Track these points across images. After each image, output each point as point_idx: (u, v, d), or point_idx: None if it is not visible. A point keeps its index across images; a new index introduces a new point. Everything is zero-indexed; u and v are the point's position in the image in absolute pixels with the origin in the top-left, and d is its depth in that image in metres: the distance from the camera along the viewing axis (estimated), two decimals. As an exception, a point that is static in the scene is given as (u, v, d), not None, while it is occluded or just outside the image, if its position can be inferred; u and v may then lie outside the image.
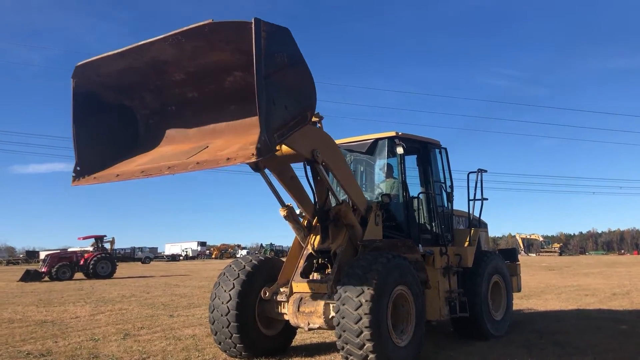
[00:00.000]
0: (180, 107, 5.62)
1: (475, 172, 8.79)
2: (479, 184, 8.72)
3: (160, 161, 5.22)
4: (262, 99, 4.31)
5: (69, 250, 40.04)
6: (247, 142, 4.85)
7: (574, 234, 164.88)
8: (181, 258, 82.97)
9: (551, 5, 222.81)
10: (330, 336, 8.04)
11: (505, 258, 9.56)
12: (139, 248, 71.23)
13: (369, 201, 7.19)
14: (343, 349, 5.74)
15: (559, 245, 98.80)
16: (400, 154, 7.56)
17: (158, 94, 5.55)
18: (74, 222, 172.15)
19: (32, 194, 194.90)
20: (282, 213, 6.71)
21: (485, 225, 9.76)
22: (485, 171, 8.83)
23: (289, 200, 6.81)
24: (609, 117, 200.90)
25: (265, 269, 7.12)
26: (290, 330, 7.28)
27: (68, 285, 23.36)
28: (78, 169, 5.39)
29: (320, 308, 6.29)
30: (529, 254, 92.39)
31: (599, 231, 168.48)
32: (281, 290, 6.80)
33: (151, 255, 71.76)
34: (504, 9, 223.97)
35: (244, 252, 75.34)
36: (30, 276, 26.72)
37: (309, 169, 6.53)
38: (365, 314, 5.57)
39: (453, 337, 8.35)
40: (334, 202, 6.89)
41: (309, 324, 6.38)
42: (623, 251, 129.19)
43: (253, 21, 4.19)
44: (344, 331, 5.67)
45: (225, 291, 6.80)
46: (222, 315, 6.71)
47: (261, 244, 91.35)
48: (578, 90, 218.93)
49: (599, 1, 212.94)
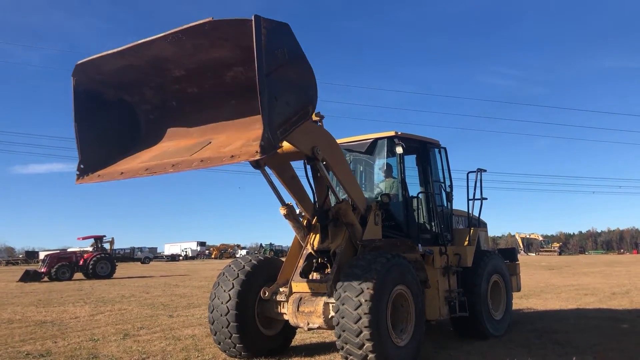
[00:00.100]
0: (181, 103, 5.62)
1: (474, 172, 8.79)
2: (479, 184, 8.74)
3: (163, 158, 5.22)
4: (264, 96, 4.31)
5: (69, 250, 40.10)
6: (250, 138, 4.85)
7: (574, 234, 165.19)
8: (181, 258, 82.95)
9: (550, 5, 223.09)
10: (329, 336, 8.04)
11: (504, 257, 9.57)
12: (138, 248, 71.18)
13: (369, 201, 7.19)
14: (343, 348, 5.73)
15: (558, 245, 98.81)
16: (399, 154, 7.55)
17: (158, 90, 5.55)
18: (73, 223, 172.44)
19: (32, 194, 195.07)
20: (282, 212, 6.72)
21: (485, 224, 9.76)
22: (485, 171, 8.83)
23: (289, 199, 6.84)
24: (609, 117, 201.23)
25: (265, 269, 7.11)
26: (289, 330, 7.28)
27: (67, 285, 23.35)
28: (82, 167, 5.38)
29: (319, 308, 6.28)
30: (529, 254, 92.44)
31: (599, 230, 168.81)
32: (281, 290, 6.80)
33: (151, 256, 71.72)
34: (503, 8, 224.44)
35: (244, 252, 75.27)
36: (29, 276, 26.71)
37: (309, 169, 6.52)
38: (365, 313, 5.56)
39: (453, 337, 8.35)
40: (334, 202, 6.90)
41: (308, 324, 6.37)
42: (622, 250, 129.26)
43: (253, 18, 4.18)
44: (344, 331, 5.67)
45: (224, 291, 6.79)
46: (222, 315, 6.71)
47: (261, 244, 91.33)
48: (577, 89, 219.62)
49: (598, 1, 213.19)
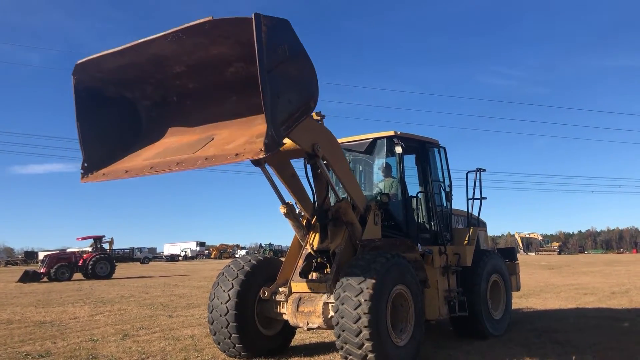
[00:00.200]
0: (182, 98, 5.63)
1: (474, 171, 8.79)
2: (478, 183, 8.74)
3: (167, 155, 5.22)
4: (267, 94, 4.31)
5: (68, 250, 40.12)
6: (253, 135, 4.86)
7: (573, 233, 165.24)
8: (180, 258, 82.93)
9: (550, 5, 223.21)
10: (329, 336, 8.03)
11: (504, 257, 9.58)
12: (137, 248, 71.08)
13: (368, 200, 7.18)
14: (342, 348, 5.73)
15: (558, 244, 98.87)
16: (399, 153, 7.55)
17: (159, 86, 5.56)
18: (72, 223, 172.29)
19: (31, 194, 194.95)
20: (282, 210, 6.74)
21: (484, 224, 9.77)
22: (484, 170, 8.83)
23: (289, 198, 6.85)
24: (608, 116, 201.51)
25: (264, 269, 7.10)
26: (289, 330, 7.27)
27: (67, 285, 23.34)
28: (86, 165, 5.39)
29: (319, 308, 6.28)
30: (528, 253, 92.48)
31: (598, 230, 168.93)
32: (280, 290, 6.79)
33: (150, 256, 71.65)
34: (503, 8, 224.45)
35: (243, 252, 75.25)
36: (29, 277, 26.71)
37: (309, 168, 6.54)
38: (365, 313, 5.55)
39: (452, 336, 8.35)
40: (333, 202, 6.89)
41: (308, 324, 6.37)
42: (622, 250, 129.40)
43: (253, 16, 4.18)
44: (343, 331, 5.66)
45: (224, 291, 6.78)
46: (221, 316, 6.70)
47: (260, 244, 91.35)
48: (577, 89, 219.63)
49: (598, 0, 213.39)
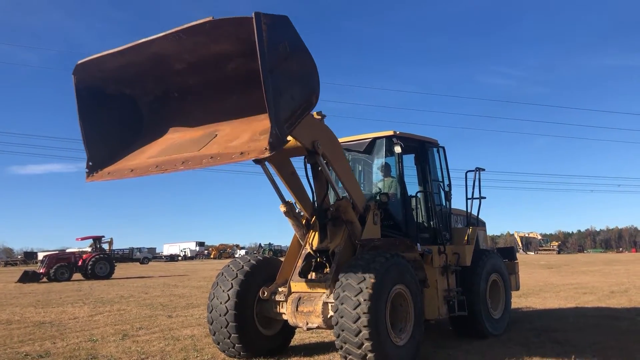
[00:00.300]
0: (183, 94, 5.64)
1: (473, 171, 8.78)
2: (477, 183, 8.73)
3: (171, 152, 5.23)
4: (270, 92, 4.33)
5: (67, 251, 40.09)
6: (256, 131, 4.88)
7: (573, 232, 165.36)
8: (179, 258, 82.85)
9: (550, 5, 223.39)
10: (329, 336, 8.03)
11: (503, 256, 9.58)
12: (137, 248, 71.03)
13: (367, 200, 7.18)
14: (342, 348, 5.73)
15: (557, 244, 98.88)
16: (398, 153, 7.55)
17: (159, 82, 5.58)
18: (72, 223, 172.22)
19: (30, 194, 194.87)
20: (282, 209, 6.76)
21: (484, 223, 9.77)
22: (483, 170, 8.83)
23: (289, 196, 6.87)
24: (608, 115, 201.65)
25: (264, 269, 7.10)
26: (288, 329, 7.28)
27: (66, 286, 23.32)
28: (90, 164, 5.40)
29: (318, 307, 6.28)
30: (528, 252, 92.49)
31: (597, 229, 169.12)
32: (280, 290, 6.80)
33: (149, 256, 71.54)
34: (503, 8, 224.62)
35: (243, 252, 75.24)
36: (28, 277, 26.68)
37: (309, 167, 6.55)
38: (364, 313, 5.56)
39: (452, 336, 8.35)
40: (333, 202, 6.89)
41: (307, 324, 6.37)
42: (621, 249, 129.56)
43: (253, 16, 4.19)
44: (343, 330, 5.66)
45: (223, 291, 6.78)
46: (221, 316, 6.70)
47: (260, 244, 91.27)
48: (577, 88, 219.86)
49: (598, 0, 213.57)
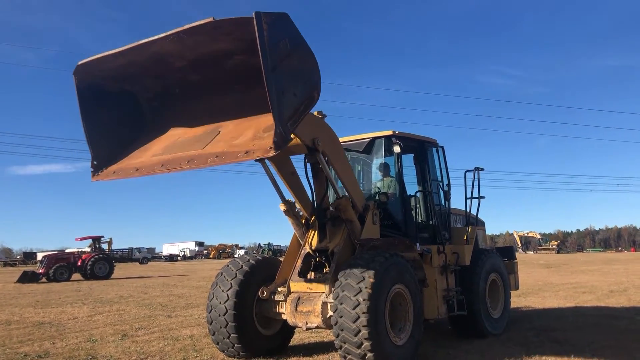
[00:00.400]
0: (184, 90, 5.66)
1: (472, 171, 8.78)
2: (476, 182, 8.74)
3: (175, 150, 5.23)
4: (273, 92, 4.34)
5: (67, 251, 40.02)
6: (260, 128, 4.90)
7: (572, 232, 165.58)
8: (179, 258, 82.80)
9: (550, 4, 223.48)
10: (328, 335, 8.03)
11: (502, 256, 9.58)
12: (136, 248, 70.87)
13: (367, 200, 7.18)
14: (341, 347, 5.74)
15: (556, 243, 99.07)
16: (397, 153, 7.56)
17: (160, 78, 5.60)
18: (71, 223, 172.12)
19: (30, 195, 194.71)
20: (282, 208, 6.78)
21: (483, 223, 9.78)
22: (482, 169, 8.83)
23: (289, 195, 6.88)
24: (608, 115, 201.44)
25: (263, 269, 7.10)
26: (288, 329, 7.28)
27: (66, 286, 23.30)
28: (95, 163, 5.42)
29: (318, 307, 6.28)
30: (527, 252, 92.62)
31: (597, 228, 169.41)
32: (279, 289, 6.79)
33: (149, 256, 71.47)
34: (503, 8, 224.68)
35: (242, 252, 75.20)
36: (27, 277, 26.65)
37: (309, 167, 6.56)
38: (363, 312, 5.56)
39: (451, 336, 8.36)
40: (332, 201, 6.90)
41: (306, 324, 6.37)
42: (620, 248, 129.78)
43: (254, 15, 4.20)
44: (342, 330, 5.67)
45: (222, 291, 6.78)
46: (220, 315, 6.70)
47: (259, 244, 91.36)
48: (577, 88, 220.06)
49: (597, 0, 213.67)
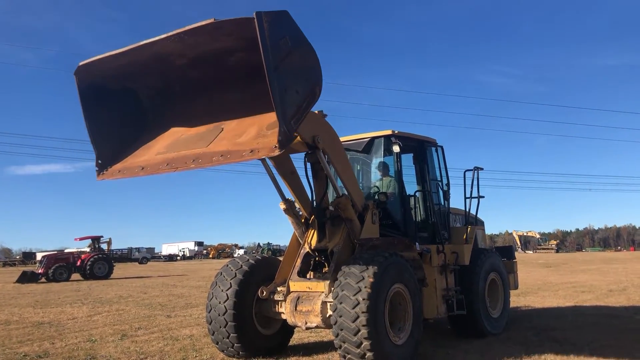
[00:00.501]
0: (185, 87, 5.67)
1: (471, 170, 8.79)
2: (476, 182, 8.74)
3: (179, 148, 5.23)
4: (276, 91, 4.35)
5: (66, 251, 39.96)
6: (263, 125, 4.91)
7: (571, 231, 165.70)
8: (178, 258, 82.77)
9: (550, 4, 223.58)
10: (327, 335, 8.03)
11: (502, 255, 9.59)
12: (136, 248, 70.87)
13: (366, 199, 7.19)
14: (341, 347, 5.74)
15: (555, 242, 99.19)
16: (396, 153, 7.56)
17: (161, 76, 5.61)
18: (70, 223, 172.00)
19: (29, 195, 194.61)
20: (282, 206, 6.79)
21: (482, 222, 9.78)
22: (482, 169, 8.83)
23: (289, 194, 6.88)
24: (607, 114, 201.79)
25: (263, 268, 7.10)
26: (287, 329, 7.28)
27: (65, 286, 23.28)
28: (100, 162, 5.43)
29: (317, 307, 6.28)
30: (526, 251, 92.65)
31: (596, 228, 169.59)
32: (278, 289, 6.79)
33: (148, 256, 71.42)
34: (502, 8, 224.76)
35: (241, 252, 75.18)
36: (27, 278, 26.62)
37: (309, 167, 6.56)
38: (363, 312, 5.56)
39: (450, 335, 8.36)
40: (332, 200, 6.90)
41: (306, 323, 6.37)
42: (620, 247, 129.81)
43: (255, 16, 4.20)
44: (342, 330, 5.67)
45: (222, 291, 6.78)
46: (220, 315, 6.70)
47: (258, 244, 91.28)
48: (575, 88, 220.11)
49: (597, 0, 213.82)
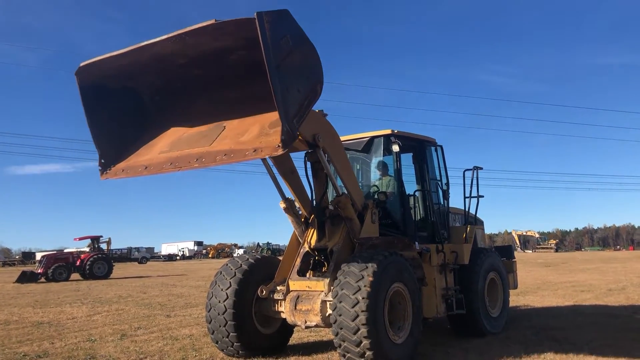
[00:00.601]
0: (187, 85, 5.67)
1: (471, 170, 8.79)
2: (475, 181, 8.75)
3: (181, 147, 5.24)
4: (278, 90, 4.36)
5: (65, 251, 39.91)
6: (265, 124, 4.92)
7: (570, 230, 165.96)
8: (178, 258, 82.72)
9: (550, 4, 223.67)
10: (327, 334, 8.03)
11: (501, 255, 9.61)
12: (135, 248, 70.83)
13: (366, 199, 7.19)
14: (340, 346, 5.74)
15: (555, 242, 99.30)
16: (396, 152, 7.57)
17: (162, 74, 5.61)
18: (70, 223, 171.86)
19: (28, 195, 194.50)
20: (282, 205, 6.80)
21: (482, 222, 9.79)
22: (481, 168, 8.84)
23: (289, 193, 6.89)
24: (607, 114, 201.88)
25: (262, 268, 7.11)
26: (287, 328, 7.28)
27: (64, 286, 23.27)
28: (103, 161, 5.44)
29: (317, 306, 6.28)
30: (525, 251, 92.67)
31: (595, 227, 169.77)
32: (278, 288, 6.80)
33: (148, 256, 71.38)
34: (502, 6, 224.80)
35: (241, 252, 75.17)
36: (26, 277, 26.60)
37: (309, 166, 6.56)
38: (362, 311, 5.57)
39: (450, 334, 8.37)
40: (332, 199, 6.91)
41: (306, 322, 6.38)
42: (619, 247, 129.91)
43: (256, 16, 4.21)
44: (341, 329, 5.67)
45: (222, 290, 6.78)
46: (219, 314, 6.70)
47: (258, 243, 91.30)
48: (575, 87, 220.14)
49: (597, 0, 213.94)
